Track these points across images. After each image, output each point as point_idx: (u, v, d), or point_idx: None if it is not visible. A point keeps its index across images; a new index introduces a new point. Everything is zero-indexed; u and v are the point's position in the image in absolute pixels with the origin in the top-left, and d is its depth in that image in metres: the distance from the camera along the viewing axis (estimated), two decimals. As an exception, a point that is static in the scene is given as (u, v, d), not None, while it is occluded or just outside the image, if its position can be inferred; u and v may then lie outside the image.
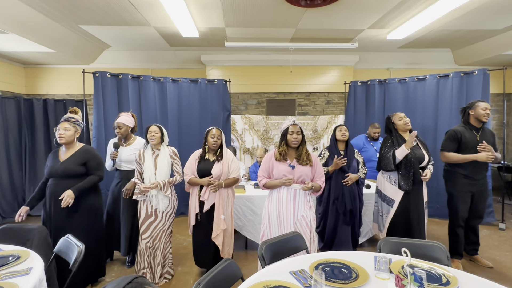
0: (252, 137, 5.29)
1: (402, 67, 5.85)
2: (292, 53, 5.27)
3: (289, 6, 3.56)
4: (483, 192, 2.90)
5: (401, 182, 2.67)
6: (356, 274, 1.42)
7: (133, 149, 2.93)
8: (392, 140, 2.80)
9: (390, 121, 2.87)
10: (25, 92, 5.64)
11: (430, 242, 1.75)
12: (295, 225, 2.24)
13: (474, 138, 2.84)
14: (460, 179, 2.88)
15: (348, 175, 2.80)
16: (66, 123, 2.40)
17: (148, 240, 2.57)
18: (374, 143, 4.17)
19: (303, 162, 2.28)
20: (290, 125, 2.35)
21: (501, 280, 2.66)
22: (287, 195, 2.27)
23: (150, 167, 2.58)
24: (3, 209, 4.57)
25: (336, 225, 2.82)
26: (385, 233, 2.81)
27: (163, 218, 2.61)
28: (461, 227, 2.92)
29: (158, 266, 2.61)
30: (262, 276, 1.41)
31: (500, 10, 3.69)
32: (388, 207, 2.78)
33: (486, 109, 2.81)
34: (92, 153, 2.49)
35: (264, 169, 2.36)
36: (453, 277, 1.37)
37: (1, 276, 1.39)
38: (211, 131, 2.65)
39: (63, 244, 1.86)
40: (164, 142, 2.71)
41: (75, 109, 2.53)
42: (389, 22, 4.10)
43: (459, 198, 2.88)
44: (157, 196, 2.59)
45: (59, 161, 2.38)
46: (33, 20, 3.74)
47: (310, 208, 2.31)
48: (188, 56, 5.56)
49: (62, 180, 2.34)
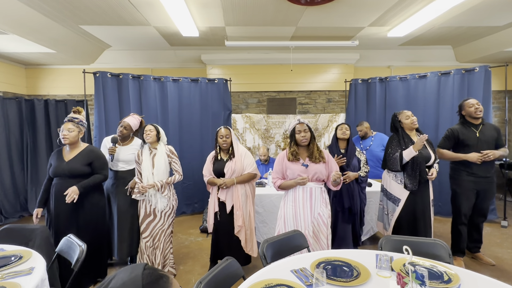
0: (253, 136, 5.29)
1: (403, 64, 5.82)
2: (292, 52, 5.25)
3: (289, 5, 3.55)
4: (488, 191, 2.87)
5: (407, 182, 2.66)
6: (358, 272, 1.42)
7: (131, 149, 2.88)
8: (398, 139, 2.75)
9: (397, 120, 2.80)
10: (26, 92, 5.66)
11: (432, 240, 1.75)
12: (313, 223, 2.24)
13: (473, 135, 2.83)
14: (465, 176, 2.87)
15: (346, 173, 2.79)
16: (70, 123, 2.39)
17: (148, 239, 2.57)
18: (363, 142, 4.16)
19: (316, 160, 2.27)
20: (296, 124, 2.33)
21: (503, 278, 2.66)
22: (303, 194, 2.26)
23: (148, 167, 2.58)
24: (5, 210, 4.59)
25: (335, 223, 2.81)
26: (391, 231, 2.80)
27: (162, 218, 2.61)
28: (464, 225, 2.91)
29: (158, 267, 2.60)
30: (263, 275, 1.41)
31: (501, 6, 3.67)
32: (394, 205, 2.76)
33: (473, 105, 2.82)
34: (97, 153, 2.51)
35: (277, 170, 2.35)
36: (455, 275, 1.37)
37: (3, 276, 1.40)
38: (219, 131, 2.68)
39: (65, 244, 1.87)
40: (161, 140, 2.69)
41: (79, 108, 2.52)
42: (389, 19, 4.08)
43: (463, 196, 2.87)
44: (156, 196, 2.59)
45: (64, 160, 2.38)
46: (33, 20, 3.75)
47: (326, 205, 2.31)
48: (188, 55, 5.56)
49: (67, 180, 2.34)
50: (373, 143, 4.05)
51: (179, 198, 4.69)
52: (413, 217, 2.68)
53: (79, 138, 2.45)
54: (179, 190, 4.68)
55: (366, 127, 4.13)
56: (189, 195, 4.75)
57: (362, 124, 4.16)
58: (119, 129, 2.86)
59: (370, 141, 4.08)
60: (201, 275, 2.82)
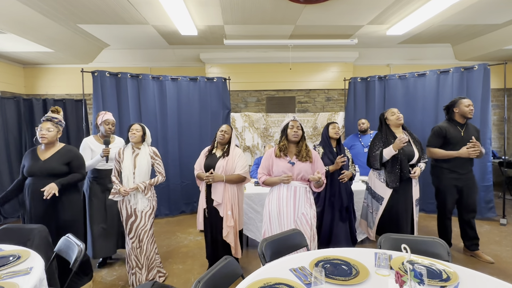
0: (252, 135, 5.29)
1: (402, 63, 5.82)
2: (291, 50, 5.24)
3: (288, 3, 3.54)
4: (471, 186, 2.95)
5: (388, 179, 2.66)
6: (356, 271, 1.42)
7: (115, 147, 2.87)
8: (381, 136, 2.78)
9: (383, 117, 2.84)
10: (24, 92, 5.64)
11: (431, 238, 1.75)
12: (296, 222, 2.24)
13: (458, 134, 2.88)
14: (445, 173, 2.94)
15: (344, 171, 2.80)
16: (49, 123, 2.36)
17: (134, 240, 2.53)
18: (362, 138, 4.20)
19: (302, 159, 2.28)
20: (290, 120, 2.37)
21: (502, 276, 2.66)
22: (287, 193, 2.27)
23: (129, 166, 2.52)
24: (4, 209, 4.57)
25: (332, 222, 2.81)
26: (375, 230, 2.82)
27: (143, 218, 2.54)
28: (448, 219, 3.03)
29: (143, 268, 2.56)
30: (262, 274, 1.41)
31: (500, 4, 3.66)
32: (377, 204, 2.78)
33: (469, 105, 2.85)
34: (75, 152, 2.48)
35: (264, 166, 2.37)
36: (453, 273, 1.37)
37: (1, 276, 1.39)
38: (222, 126, 2.72)
39: (64, 243, 1.87)
40: (146, 141, 2.65)
41: (57, 108, 2.51)
42: (388, 17, 4.08)
43: (445, 192, 2.96)
44: (136, 196, 2.53)
45: (39, 159, 2.33)
46: (31, 19, 3.73)
47: (310, 205, 2.31)
48: (187, 54, 5.54)
49: (43, 179, 2.27)
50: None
51: (178, 197, 4.74)
52: (396, 216, 2.67)
53: (57, 138, 2.42)
54: (178, 190, 4.69)
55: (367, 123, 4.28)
56: (188, 194, 4.75)
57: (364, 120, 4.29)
58: (108, 127, 2.89)
59: (369, 138, 4.11)
60: (200, 274, 2.83)
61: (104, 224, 2.90)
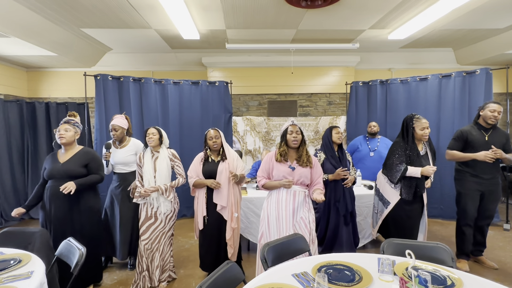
0: (253, 138, 5.28)
1: (404, 67, 5.82)
2: (293, 54, 5.26)
3: (290, 7, 3.56)
4: (493, 192, 2.86)
5: (403, 190, 2.63)
6: (360, 277, 1.40)
7: (128, 151, 2.94)
8: (405, 149, 2.61)
9: (411, 125, 2.61)
10: (27, 95, 5.67)
11: (434, 244, 1.73)
12: (294, 226, 2.23)
13: (482, 138, 2.82)
14: (468, 178, 2.88)
15: (348, 177, 2.78)
16: (66, 124, 2.44)
17: (146, 242, 2.55)
18: (370, 141, 4.16)
19: (303, 164, 2.28)
20: (289, 125, 2.35)
21: (507, 282, 2.63)
22: (287, 197, 2.26)
23: (150, 170, 2.57)
24: (6, 213, 4.58)
25: (337, 227, 2.79)
26: (377, 229, 2.88)
27: (163, 221, 2.59)
28: (469, 226, 2.90)
29: (157, 269, 2.58)
30: (264, 279, 1.39)
31: (502, 9, 3.67)
32: (383, 206, 2.78)
33: (494, 111, 2.78)
34: (93, 154, 2.54)
35: (264, 169, 2.36)
36: (458, 279, 1.35)
37: (2, 280, 1.39)
38: (208, 133, 2.67)
39: (65, 247, 1.86)
40: (164, 144, 2.69)
41: (74, 113, 2.60)
42: (390, 22, 4.09)
43: (467, 197, 2.87)
44: (159, 199, 2.57)
45: (59, 162, 2.40)
46: (34, 23, 3.76)
47: (309, 209, 2.30)
48: (189, 58, 5.57)
49: (62, 181, 2.33)
50: (380, 144, 4.08)
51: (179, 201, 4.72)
52: (400, 222, 2.66)
53: (75, 139, 2.48)
54: (179, 193, 4.67)
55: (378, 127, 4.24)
56: (190, 198, 4.70)
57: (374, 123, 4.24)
58: (112, 134, 2.94)
59: (377, 142, 4.09)
60: (201, 279, 2.81)
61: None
